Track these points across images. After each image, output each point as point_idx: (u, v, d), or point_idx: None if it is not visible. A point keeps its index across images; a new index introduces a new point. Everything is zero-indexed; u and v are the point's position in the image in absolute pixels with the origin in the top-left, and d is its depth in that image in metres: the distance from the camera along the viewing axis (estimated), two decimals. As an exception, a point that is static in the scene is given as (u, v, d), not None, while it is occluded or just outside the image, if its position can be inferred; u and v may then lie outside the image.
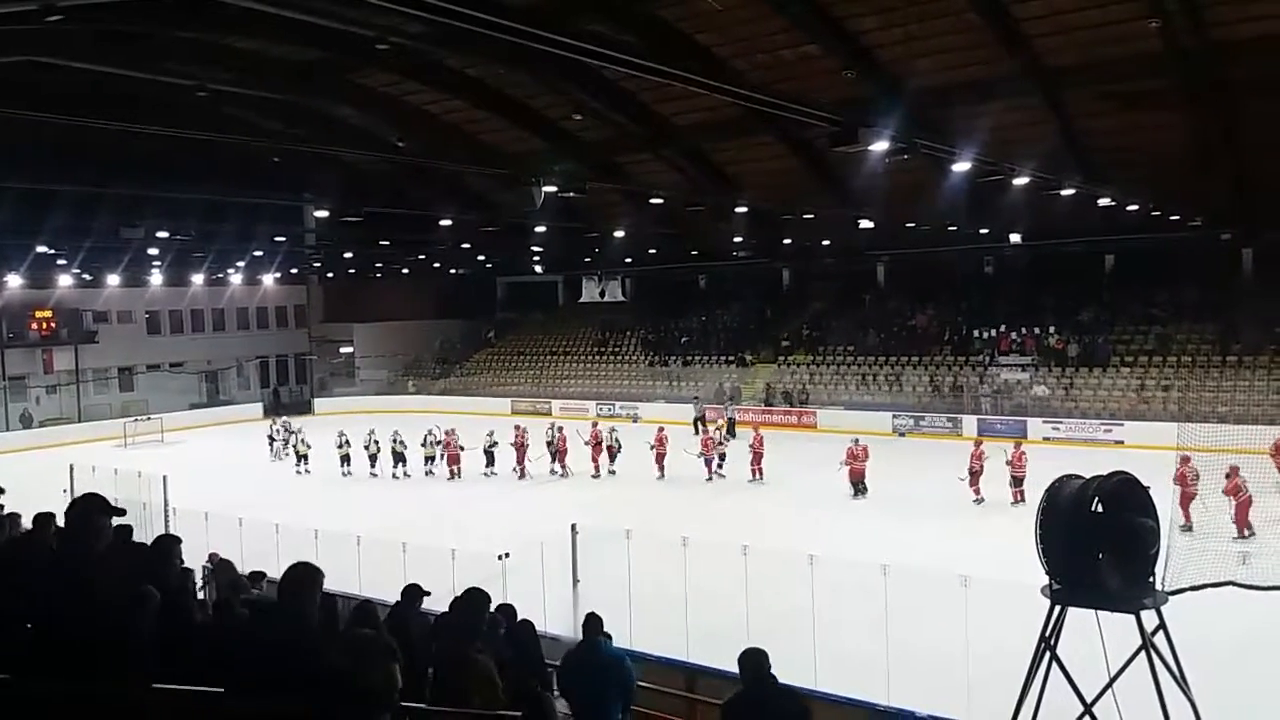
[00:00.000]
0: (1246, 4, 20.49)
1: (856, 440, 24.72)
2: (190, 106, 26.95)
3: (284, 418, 35.41)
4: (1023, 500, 21.70)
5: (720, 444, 27.38)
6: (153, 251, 35.76)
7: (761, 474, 26.07)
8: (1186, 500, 17.33)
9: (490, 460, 28.31)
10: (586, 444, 27.85)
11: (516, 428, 28.82)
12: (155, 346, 45.97)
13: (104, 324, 43.99)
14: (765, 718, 6.03)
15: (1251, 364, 31.00)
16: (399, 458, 28.59)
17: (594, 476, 27.53)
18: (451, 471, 28.17)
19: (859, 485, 23.96)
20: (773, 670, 6.16)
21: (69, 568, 4.54)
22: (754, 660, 6.06)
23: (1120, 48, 22.34)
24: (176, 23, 21.77)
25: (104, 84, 23.94)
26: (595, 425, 28.96)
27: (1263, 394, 29.67)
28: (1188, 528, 16.52)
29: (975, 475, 22.98)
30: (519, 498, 25.73)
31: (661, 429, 28.32)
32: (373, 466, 28.87)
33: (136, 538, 7.36)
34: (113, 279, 40.79)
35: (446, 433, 28.68)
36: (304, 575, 4.44)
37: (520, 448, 27.95)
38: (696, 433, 31.32)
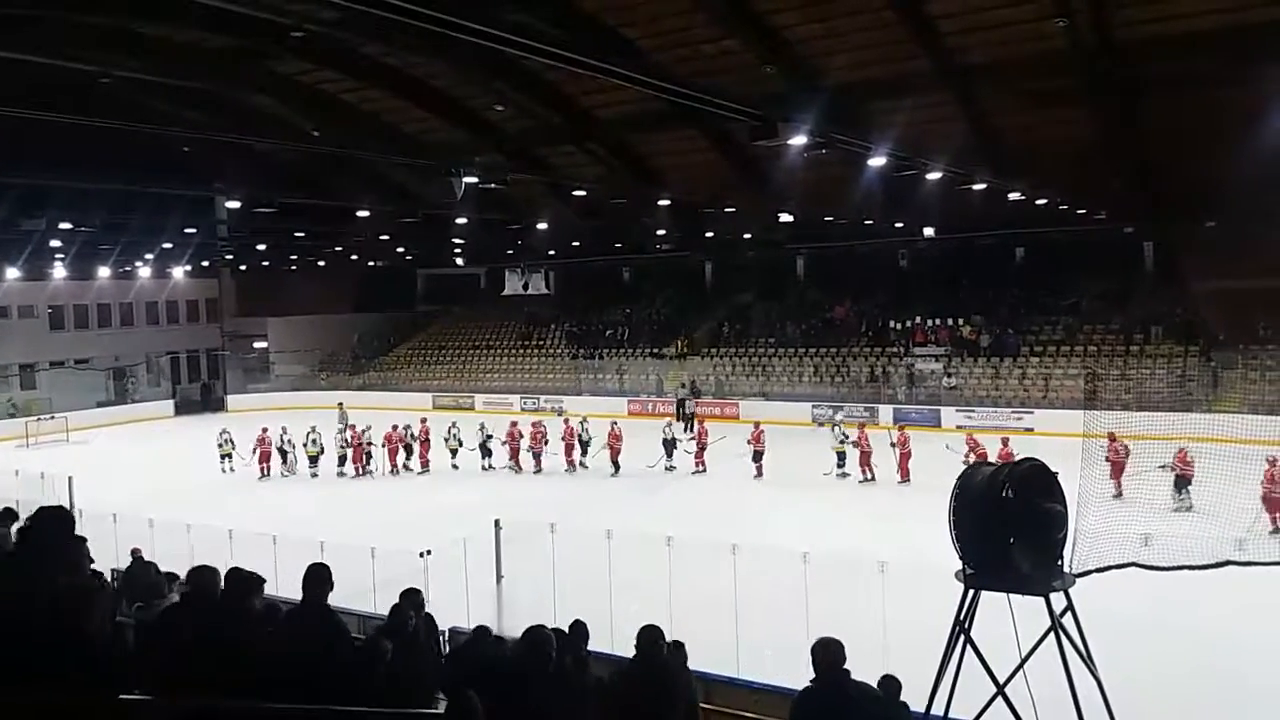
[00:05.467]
0: (1148, 5, 21.25)
1: (615, 424, 27.66)
2: (95, 93, 25.93)
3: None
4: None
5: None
6: (56, 244, 34.46)
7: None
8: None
9: (313, 461, 27.95)
10: (415, 438, 28.04)
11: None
12: (59, 342, 44.06)
13: (3, 319, 42.16)
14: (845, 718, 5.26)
15: (1153, 353, 32.30)
16: (313, 459, 28.10)
17: (420, 473, 27.71)
18: (262, 470, 27.96)
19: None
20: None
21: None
22: (829, 651, 5.31)
23: (1029, 46, 22.94)
24: (78, 7, 20.94)
25: (1, 70, 22.91)
26: (424, 421, 28.88)
27: (1163, 382, 30.94)
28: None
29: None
30: (441, 495, 25.48)
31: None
32: (283, 463, 28.32)
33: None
34: (13, 272, 39.10)
35: (263, 429, 28.40)
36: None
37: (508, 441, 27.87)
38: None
